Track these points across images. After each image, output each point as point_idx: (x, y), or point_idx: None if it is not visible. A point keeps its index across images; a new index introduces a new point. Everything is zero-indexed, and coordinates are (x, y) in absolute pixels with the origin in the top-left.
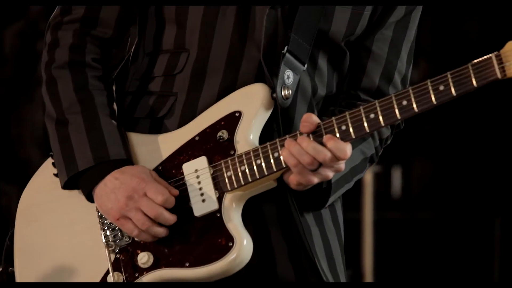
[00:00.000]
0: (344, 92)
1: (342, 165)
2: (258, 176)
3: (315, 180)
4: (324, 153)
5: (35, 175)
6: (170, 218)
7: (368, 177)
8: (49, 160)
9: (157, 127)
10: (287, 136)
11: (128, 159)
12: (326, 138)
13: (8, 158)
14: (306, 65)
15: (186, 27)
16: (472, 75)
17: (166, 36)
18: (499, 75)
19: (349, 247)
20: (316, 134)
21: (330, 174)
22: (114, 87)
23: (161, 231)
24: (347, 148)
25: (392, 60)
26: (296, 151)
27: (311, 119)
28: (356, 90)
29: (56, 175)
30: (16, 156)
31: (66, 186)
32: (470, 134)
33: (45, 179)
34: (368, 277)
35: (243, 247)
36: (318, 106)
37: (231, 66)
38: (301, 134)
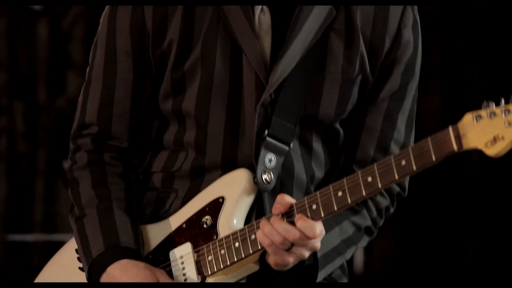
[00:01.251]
0: (341, 165)
1: (316, 243)
2: (235, 259)
3: (290, 259)
4: (293, 232)
5: (55, 256)
6: None
7: None
8: (72, 242)
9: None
10: (263, 218)
11: (137, 250)
12: (296, 217)
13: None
14: (291, 145)
15: (183, 128)
16: (431, 149)
17: (167, 135)
18: (455, 148)
19: None
20: (289, 214)
21: (305, 253)
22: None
23: None
24: (316, 227)
25: (387, 131)
26: (268, 231)
27: (283, 201)
28: (351, 163)
29: (81, 268)
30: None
31: (90, 277)
32: (432, 209)
33: (64, 259)
34: None
35: None
36: (318, 187)
37: (229, 164)
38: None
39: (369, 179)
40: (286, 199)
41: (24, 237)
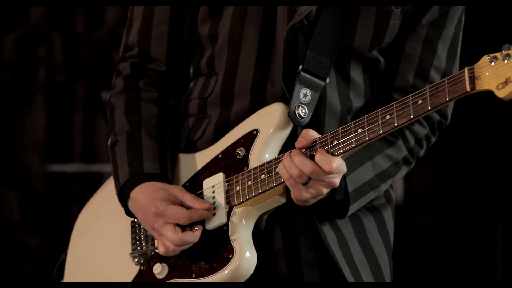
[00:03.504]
0: (380, 94)
1: (334, 179)
2: (260, 190)
3: (308, 195)
4: (309, 165)
5: (95, 193)
6: (191, 240)
7: None
8: (110, 179)
9: (192, 149)
10: (288, 151)
11: (161, 174)
12: (316, 152)
13: (8, 163)
14: (327, 80)
15: (215, 51)
16: (446, 89)
17: (203, 61)
18: (468, 88)
19: None
20: (312, 149)
21: (323, 189)
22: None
23: (183, 249)
24: (333, 161)
25: (426, 58)
26: (287, 163)
27: (306, 135)
28: (390, 90)
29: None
30: (16, 162)
31: (121, 201)
32: (470, 141)
33: (99, 196)
34: None
35: (242, 260)
36: (356, 117)
37: (258, 90)
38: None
39: (387, 117)
40: (310, 134)
41: (64, 167)
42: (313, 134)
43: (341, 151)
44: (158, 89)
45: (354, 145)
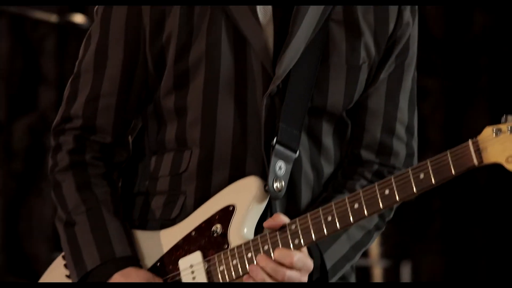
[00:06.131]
0: (347, 155)
1: (302, 277)
2: (248, 269)
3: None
4: (271, 266)
5: (45, 273)
6: None
7: (377, 272)
8: (60, 260)
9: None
10: (276, 230)
11: (133, 256)
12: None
13: (16, 253)
14: (298, 152)
15: (186, 125)
16: (451, 163)
17: (168, 135)
18: (475, 162)
19: None
20: (283, 233)
21: (301, 278)
22: (120, 183)
23: None
24: (293, 255)
25: (390, 112)
26: (253, 272)
27: (277, 219)
28: (358, 149)
29: (68, 276)
30: (23, 251)
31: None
32: (482, 228)
33: (54, 279)
34: None
35: None
36: (327, 183)
37: (237, 162)
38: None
39: (386, 191)
40: (280, 218)
41: None
42: (283, 219)
43: (338, 227)
44: (104, 162)
45: (351, 221)
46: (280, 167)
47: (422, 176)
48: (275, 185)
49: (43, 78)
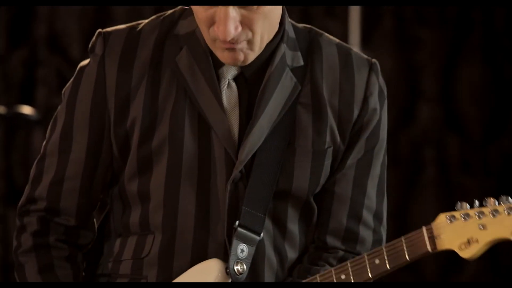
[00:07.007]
0: (312, 241)
1: None
2: None
3: None
4: None
5: None
6: None
7: None
8: None
9: None
10: None
11: None
12: None
13: None
14: (262, 235)
15: (149, 210)
16: (405, 249)
17: (132, 218)
18: (429, 249)
19: None
20: None
21: None
22: (84, 265)
23: None
24: None
25: (358, 198)
26: None
27: None
28: (324, 235)
29: None
30: None
31: None
32: None
33: None
34: None
35: None
36: (291, 268)
37: (199, 246)
38: None
39: (343, 276)
40: None
41: None
42: None
43: None
44: (67, 245)
45: None
46: (242, 250)
47: (377, 261)
48: (236, 268)
49: None
